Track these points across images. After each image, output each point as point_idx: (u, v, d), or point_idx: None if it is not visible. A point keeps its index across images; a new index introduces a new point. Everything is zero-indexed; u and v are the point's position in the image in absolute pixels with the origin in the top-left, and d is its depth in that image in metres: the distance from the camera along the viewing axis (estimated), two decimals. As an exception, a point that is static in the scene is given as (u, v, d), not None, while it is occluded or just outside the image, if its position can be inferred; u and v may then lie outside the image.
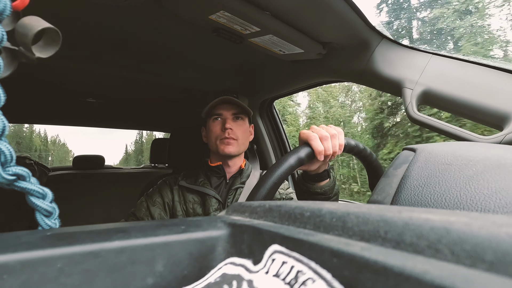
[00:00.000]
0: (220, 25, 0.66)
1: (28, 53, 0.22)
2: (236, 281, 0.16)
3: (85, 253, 0.16)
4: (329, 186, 0.61)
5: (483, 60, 0.59)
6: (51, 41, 0.23)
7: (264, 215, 0.22)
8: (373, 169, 0.58)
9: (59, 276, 0.15)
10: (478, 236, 0.11)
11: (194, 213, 0.82)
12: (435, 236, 0.12)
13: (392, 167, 0.35)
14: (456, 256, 0.11)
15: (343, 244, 0.14)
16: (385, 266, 0.11)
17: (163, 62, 1.02)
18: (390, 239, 0.13)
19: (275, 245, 0.16)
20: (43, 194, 0.23)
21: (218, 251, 0.20)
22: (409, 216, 0.14)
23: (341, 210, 0.17)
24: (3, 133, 0.20)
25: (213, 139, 0.84)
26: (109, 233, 0.19)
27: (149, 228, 0.20)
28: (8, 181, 0.21)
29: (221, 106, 0.84)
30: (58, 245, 0.16)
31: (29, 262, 0.15)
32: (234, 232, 0.21)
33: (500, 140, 0.51)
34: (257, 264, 0.16)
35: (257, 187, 0.45)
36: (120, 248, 0.17)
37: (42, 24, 0.21)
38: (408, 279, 0.10)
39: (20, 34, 0.21)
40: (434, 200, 0.27)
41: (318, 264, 0.13)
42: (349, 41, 0.74)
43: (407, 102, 0.65)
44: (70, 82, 1.25)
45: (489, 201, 0.23)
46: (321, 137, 0.51)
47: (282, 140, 1.41)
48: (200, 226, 0.21)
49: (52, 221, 0.23)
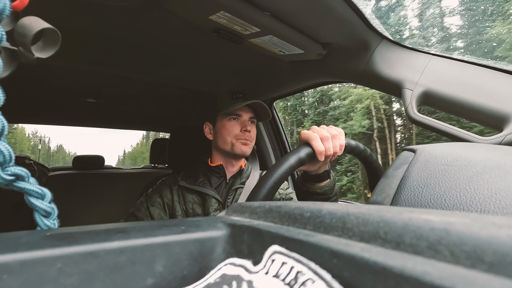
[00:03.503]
0: (220, 25, 0.66)
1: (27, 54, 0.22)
2: (236, 281, 0.16)
3: (84, 253, 0.16)
4: (329, 187, 0.61)
5: (483, 61, 0.59)
6: (50, 42, 0.23)
7: (264, 216, 0.22)
8: (373, 170, 0.58)
9: (58, 276, 0.15)
10: (478, 237, 0.11)
11: (193, 213, 0.82)
12: (435, 237, 0.12)
13: (392, 168, 0.35)
14: (456, 257, 0.11)
15: (343, 245, 0.14)
16: (385, 267, 0.11)
17: (163, 62, 1.02)
18: (390, 240, 0.13)
19: (275, 245, 0.16)
20: (42, 195, 0.22)
21: (218, 252, 0.20)
22: (409, 217, 0.14)
23: (341, 211, 0.17)
24: (2, 133, 0.20)
25: (228, 138, 0.84)
26: (108, 233, 0.19)
27: (149, 228, 0.20)
28: (7, 182, 0.21)
29: (241, 108, 0.85)
30: (58, 245, 0.16)
31: (29, 262, 0.15)
32: (234, 233, 0.21)
33: (500, 141, 0.51)
34: (257, 264, 0.16)
35: (257, 187, 0.45)
36: (119, 248, 0.17)
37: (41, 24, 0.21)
38: (408, 280, 0.10)
39: (19, 34, 0.21)
40: (434, 201, 0.27)
41: (318, 265, 0.13)
42: (349, 42, 0.75)
43: (407, 102, 0.65)
44: (70, 82, 1.25)
45: (489, 202, 0.23)
46: (322, 137, 0.51)
47: (282, 140, 1.41)
48: (200, 227, 0.21)
49: (51, 222, 0.23)
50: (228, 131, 0.84)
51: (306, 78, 1.00)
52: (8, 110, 1.47)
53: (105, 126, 2.28)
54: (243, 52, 0.95)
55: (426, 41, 13.95)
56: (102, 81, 1.23)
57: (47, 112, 1.78)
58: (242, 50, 0.90)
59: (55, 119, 2.05)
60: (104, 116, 1.92)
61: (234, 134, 0.84)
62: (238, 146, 0.83)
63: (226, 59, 1.01)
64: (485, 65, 0.58)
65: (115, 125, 2.29)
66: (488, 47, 11.90)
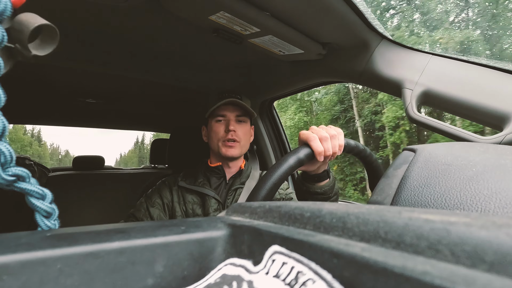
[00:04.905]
0: (220, 25, 0.66)
1: (24, 51, 0.21)
2: (236, 281, 0.16)
3: (85, 254, 0.16)
4: (329, 186, 0.61)
5: (483, 61, 0.59)
6: (48, 39, 0.22)
7: (264, 216, 0.22)
8: (373, 170, 0.58)
9: (59, 277, 0.15)
10: (478, 236, 0.11)
11: (193, 213, 0.82)
12: (435, 237, 0.12)
13: (392, 168, 0.35)
14: (456, 257, 0.11)
15: (343, 245, 0.14)
16: (385, 267, 0.11)
17: (163, 62, 1.02)
18: (390, 239, 0.13)
19: (275, 245, 0.16)
20: (43, 195, 0.22)
21: (218, 252, 0.20)
22: (409, 217, 0.14)
23: (341, 211, 0.17)
24: (3, 133, 0.20)
25: (215, 140, 0.84)
26: (109, 233, 0.19)
27: (149, 229, 0.20)
28: (8, 182, 0.21)
29: (225, 108, 0.84)
30: (58, 246, 0.16)
31: (29, 263, 0.15)
32: (234, 233, 0.21)
33: (500, 140, 0.51)
34: (257, 264, 0.16)
35: (257, 187, 0.45)
36: (120, 248, 0.17)
37: (38, 20, 0.21)
38: (409, 279, 0.10)
39: (16, 31, 0.20)
40: (434, 201, 0.27)
41: (318, 265, 0.13)
42: (349, 42, 0.75)
43: (407, 102, 0.65)
44: (70, 83, 1.25)
45: (489, 202, 0.23)
46: (321, 137, 0.51)
47: (282, 140, 1.41)
48: (200, 227, 0.21)
49: (52, 222, 0.23)
50: (215, 134, 0.84)
51: (306, 78, 1.00)
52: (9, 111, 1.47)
53: (104, 127, 2.28)
54: (243, 52, 0.95)
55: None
56: (102, 81, 1.23)
57: (47, 112, 1.78)
58: (242, 50, 0.90)
59: (55, 120, 2.05)
60: (104, 116, 1.92)
61: (219, 137, 0.83)
62: (223, 149, 0.82)
63: (226, 59, 1.01)
64: (485, 64, 0.58)
65: (115, 125, 2.29)
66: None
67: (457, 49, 10.85)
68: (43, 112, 1.77)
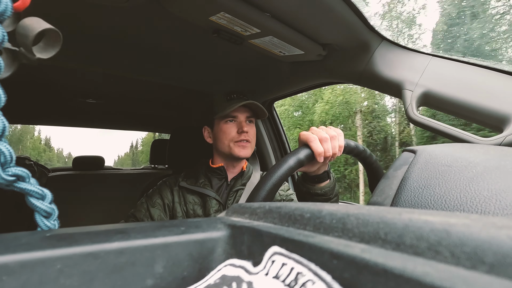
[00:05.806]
0: (220, 26, 0.66)
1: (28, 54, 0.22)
2: (235, 282, 0.16)
3: (84, 254, 0.16)
4: (329, 187, 0.61)
5: (483, 62, 0.59)
6: (51, 42, 0.23)
7: (264, 217, 0.22)
8: (373, 171, 0.58)
9: (58, 277, 0.15)
10: (478, 238, 0.11)
11: (194, 214, 0.82)
12: (435, 238, 0.12)
13: (392, 169, 0.35)
14: (456, 258, 0.11)
15: (343, 246, 0.13)
16: (385, 268, 0.11)
17: (163, 63, 1.03)
18: (390, 240, 0.13)
19: (275, 246, 0.16)
20: (43, 195, 0.22)
21: (217, 253, 0.20)
22: (409, 218, 0.14)
23: (341, 212, 0.17)
24: (3, 133, 0.20)
25: (225, 141, 0.83)
26: (108, 234, 0.19)
27: (148, 229, 0.20)
28: (8, 182, 0.21)
29: (236, 109, 0.84)
30: (58, 246, 0.16)
31: (29, 263, 0.15)
32: (234, 234, 0.21)
33: (500, 141, 0.51)
34: (257, 265, 0.16)
35: (257, 188, 0.45)
36: (119, 249, 0.17)
37: (42, 25, 0.21)
38: (408, 281, 0.10)
39: (20, 35, 0.21)
40: (434, 202, 0.27)
41: (318, 266, 0.13)
42: (349, 43, 0.75)
43: (407, 103, 0.65)
44: (71, 83, 1.25)
45: (489, 203, 0.23)
46: (321, 138, 0.51)
47: (282, 141, 1.41)
48: (200, 227, 0.21)
49: (52, 222, 0.23)
50: (225, 134, 0.83)
51: (306, 78, 1.00)
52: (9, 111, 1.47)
53: (105, 127, 2.28)
54: (243, 53, 0.95)
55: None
56: (102, 82, 1.24)
57: (47, 112, 1.78)
58: (242, 51, 0.90)
59: (55, 120, 2.05)
60: (104, 116, 1.92)
61: (231, 137, 0.83)
62: (237, 150, 0.82)
63: (226, 60, 1.01)
64: (485, 66, 0.58)
65: (115, 125, 2.29)
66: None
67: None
68: (44, 112, 1.77)
